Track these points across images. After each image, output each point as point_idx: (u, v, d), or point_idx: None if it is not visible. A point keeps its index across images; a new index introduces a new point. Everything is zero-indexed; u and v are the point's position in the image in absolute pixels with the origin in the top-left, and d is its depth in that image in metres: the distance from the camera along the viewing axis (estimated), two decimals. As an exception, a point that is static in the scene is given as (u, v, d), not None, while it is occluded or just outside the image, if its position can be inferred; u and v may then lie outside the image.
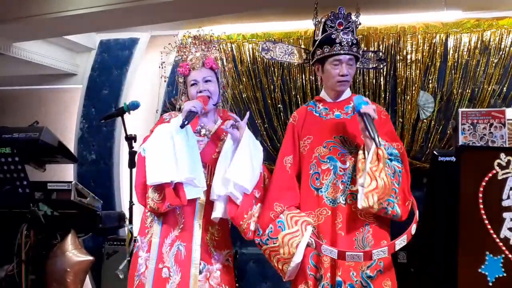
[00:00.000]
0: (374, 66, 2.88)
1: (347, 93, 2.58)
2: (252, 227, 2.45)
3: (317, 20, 2.63)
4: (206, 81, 2.55)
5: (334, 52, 2.49)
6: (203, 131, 2.56)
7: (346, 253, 2.23)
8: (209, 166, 2.51)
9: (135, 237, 2.60)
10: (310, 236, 2.39)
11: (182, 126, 2.34)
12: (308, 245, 2.40)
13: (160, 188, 2.33)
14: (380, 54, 2.90)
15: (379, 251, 2.19)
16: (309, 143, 2.53)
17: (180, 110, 2.56)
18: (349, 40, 2.49)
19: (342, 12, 2.55)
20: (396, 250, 2.20)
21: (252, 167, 2.43)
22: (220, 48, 3.04)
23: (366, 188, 2.22)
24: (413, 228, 2.21)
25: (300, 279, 2.51)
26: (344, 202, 2.39)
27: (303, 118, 2.62)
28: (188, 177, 2.33)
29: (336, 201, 2.41)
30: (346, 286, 2.32)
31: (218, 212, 2.44)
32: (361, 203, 2.23)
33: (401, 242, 2.17)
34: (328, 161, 2.46)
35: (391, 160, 2.30)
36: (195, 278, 2.42)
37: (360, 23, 2.61)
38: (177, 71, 2.58)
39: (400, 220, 2.29)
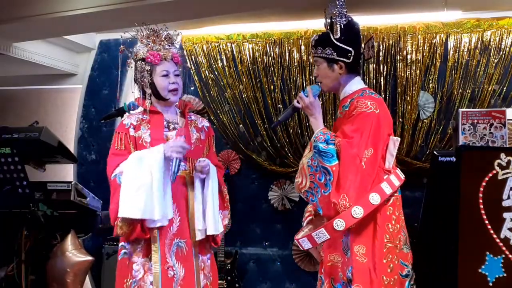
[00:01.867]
0: (369, 56, 2.67)
1: (346, 91, 2.52)
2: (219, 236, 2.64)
3: None
4: (176, 75, 2.56)
5: None
6: (171, 126, 2.57)
7: (299, 240, 2.37)
8: (189, 158, 2.54)
9: (121, 243, 2.56)
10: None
11: (173, 180, 2.40)
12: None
13: (128, 220, 2.38)
14: (371, 40, 2.68)
15: (318, 233, 2.28)
16: None
17: (144, 95, 2.54)
18: (311, 42, 2.54)
19: (328, 12, 2.50)
20: (335, 231, 2.22)
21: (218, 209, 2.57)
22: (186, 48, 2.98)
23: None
24: (354, 212, 2.21)
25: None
26: None
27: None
28: (157, 218, 2.38)
29: None
30: (331, 285, 2.39)
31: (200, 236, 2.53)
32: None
33: (337, 223, 2.22)
34: None
35: (315, 153, 2.32)
36: (198, 270, 2.50)
37: (340, 20, 2.46)
38: (145, 58, 2.51)
39: (325, 217, 2.35)
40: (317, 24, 4.36)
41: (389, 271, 2.25)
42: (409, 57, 4.20)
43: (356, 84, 2.51)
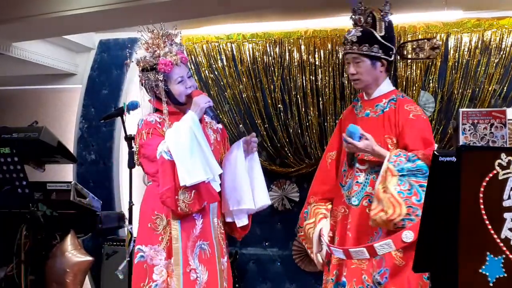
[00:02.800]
0: (426, 56, 2.65)
1: (381, 90, 2.48)
2: None
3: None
4: (189, 76, 2.55)
5: (343, 52, 2.50)
6: None
7: (349, 250, 2.23)
8: None
9: (138, 247, 2.49)
10: (322, 234, 2.44)
11: (218, 121, 2.53)
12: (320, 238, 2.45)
13: (190, 189, 2.32)
14: (434, 41, 2.66)
15: (383, 244, 2.15)
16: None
17: (160, 100, 2.53)
18: (350, 37, 2.42)
19: (359, 8, 2.46)
20: (403, 243, 2.13)
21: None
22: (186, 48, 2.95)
23: (372, 210, 2.23)
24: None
25: (325, 269, 2.54)
26: (356, 203, 2.37)
27: (346, 116, 2.62)
28: (219, 172, 2.41)
29: (350, 201, 2.40)
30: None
31: (245, 220, 2.56)
32: (370, 222, 2.26)
33: (407, 234, 2.12)
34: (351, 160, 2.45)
35: (404, 176, 2.20)
36: (221, 273, 2.48)
37: (386, 18, 2.46)
38: (157, 69, 2.47)
39: None
40: (317, 24, 4.36)
41: (423, 276, 2.23)
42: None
43: (389, 84, 2.51)
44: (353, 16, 2.49)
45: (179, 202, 2.32)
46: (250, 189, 2.49)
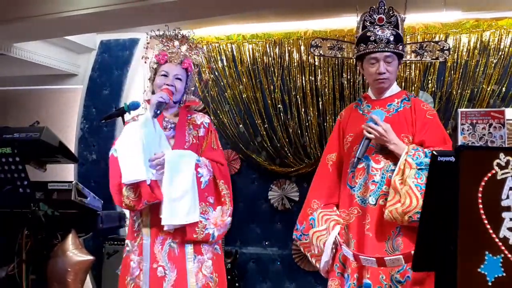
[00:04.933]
0: (434, 57, 2.68)
1: (392, 90, 2.49)
2: (215, 233, 2.50)
3: (358, 16, 2.55)
4: (177, 78, 2.56)
5: (368, 51, 2.42)
6: (168, 126, 2.59)
7: (385, 258, 2.20)
8: None
9: (126, 241, 2.60)
10: (340, 242, 2.40)
11: (155, 116, 2.39)
12: (335, 244, 2.41)
13: (135, 186, 2.37)
14: (444, 44, 2.69)
15: (392, 258, 2.15)
16: (349, 140, 2.50)
17: (152, 93, 2.60)
18: (385, 36, 2.40)
19: (382, 7, 2.46)
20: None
21: (189, 200, 2.45)
22: (207, 55, 2.96)
23: (388, 202, 2.23)
24: None
25: (330, 274, 2.50)
26: (374, 203, 2.34)
27: (348, 116, 2.59)
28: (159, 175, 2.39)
29: (365, 201, 2.37)
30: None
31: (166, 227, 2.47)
32: (385, 215, 2.24)
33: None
34: (363, 160, 2.40)
35: (422, 169, 2.20)
36: (191, 272, 2.46)
37: (405, 18, 2.49)
38: (154, 56, 2.58)
39: None
40: (317, 25, 4.38)
41: None
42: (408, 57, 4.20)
43: (396, 84, 2.52)
44: (373, 15, 2.47)
45: (123, 198, 2.40)
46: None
